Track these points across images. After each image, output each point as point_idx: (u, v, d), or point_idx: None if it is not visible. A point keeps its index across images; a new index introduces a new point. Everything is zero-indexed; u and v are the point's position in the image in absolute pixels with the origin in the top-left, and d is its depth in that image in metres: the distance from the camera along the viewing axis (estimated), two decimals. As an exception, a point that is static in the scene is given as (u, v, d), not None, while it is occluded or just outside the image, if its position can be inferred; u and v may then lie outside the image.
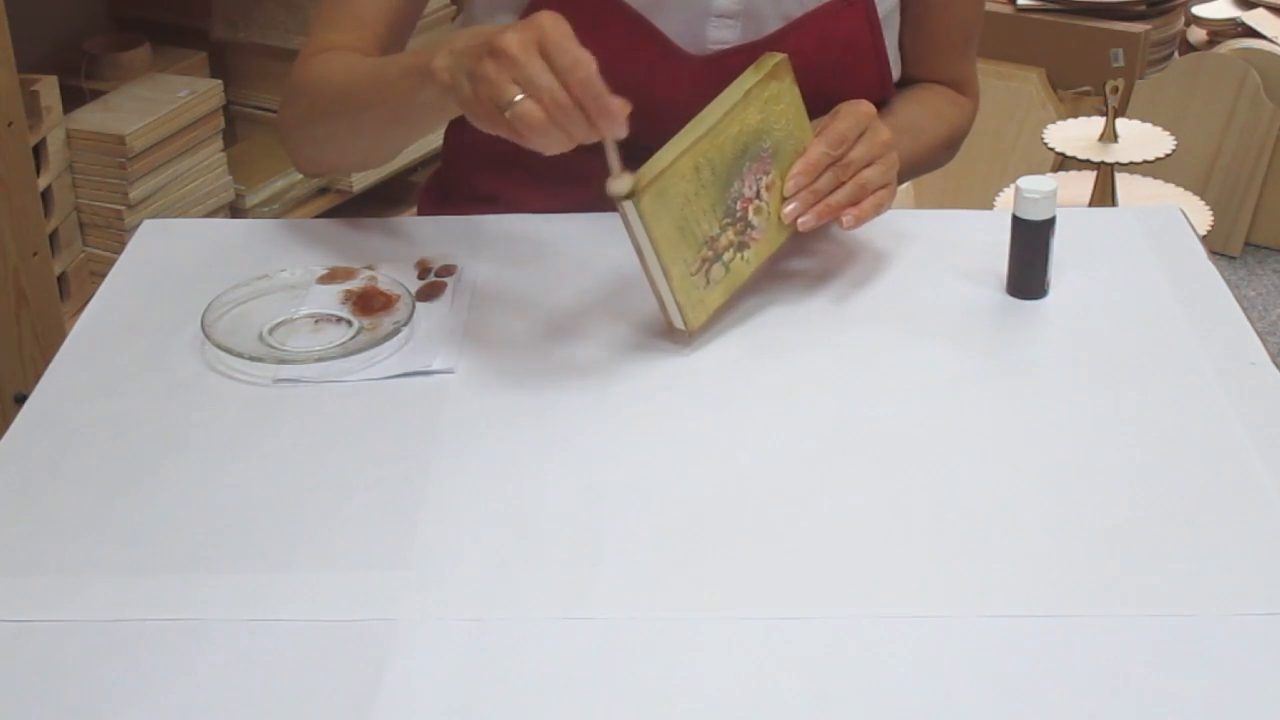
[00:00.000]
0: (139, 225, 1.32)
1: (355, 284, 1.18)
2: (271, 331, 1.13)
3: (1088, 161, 2.53)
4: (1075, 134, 2.60)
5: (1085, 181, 2.63)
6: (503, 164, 1.37)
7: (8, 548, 0.92)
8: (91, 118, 2.05)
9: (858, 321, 1.14)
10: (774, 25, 1.24)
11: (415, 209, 1.49)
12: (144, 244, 1.29)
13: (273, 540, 0.92)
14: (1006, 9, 3.08)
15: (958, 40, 1.36)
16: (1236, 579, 0.88)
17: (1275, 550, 0.90)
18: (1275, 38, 2.99)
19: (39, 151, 1.92)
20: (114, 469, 0.99)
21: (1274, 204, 3.01)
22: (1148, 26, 2.98)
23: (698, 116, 1.08)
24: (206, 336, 1.10)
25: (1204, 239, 1.32)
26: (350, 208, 2.33)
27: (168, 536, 0.93)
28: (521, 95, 0.94)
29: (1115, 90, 2.54)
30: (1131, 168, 2.59)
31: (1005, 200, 2.71)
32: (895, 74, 1.32)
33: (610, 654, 0.83)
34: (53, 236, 1.95)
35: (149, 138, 2.04)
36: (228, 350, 1.09)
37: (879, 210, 1.14)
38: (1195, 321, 1.13)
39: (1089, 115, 2.71)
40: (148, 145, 2.04)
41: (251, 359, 1.09)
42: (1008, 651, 0.83)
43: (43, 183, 1.92)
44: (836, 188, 1.13)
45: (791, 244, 1.17)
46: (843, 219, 1.13)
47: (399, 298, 1.15)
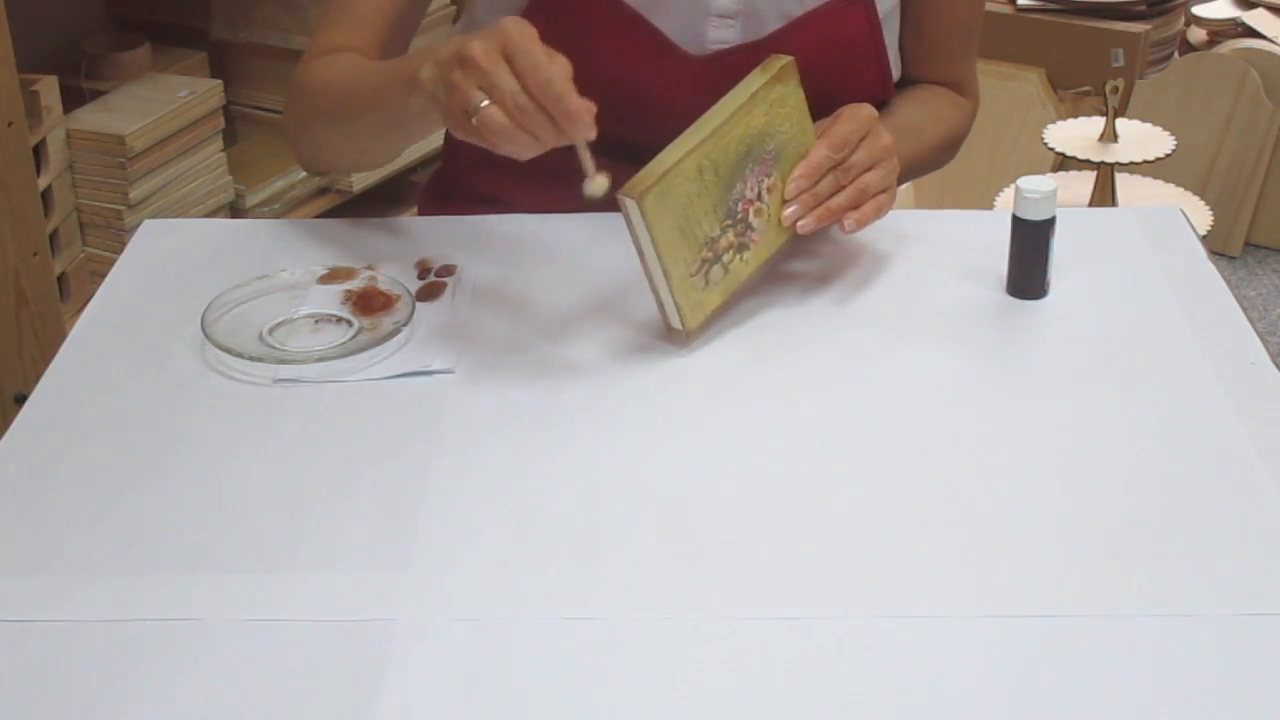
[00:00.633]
0: (139, 225, 1.32)
1: (355, 284, 1.18)
2: (271, 331, 1.13)
3: (1088, 161, 2.53)
4: (1075, 134, 2.60)
5: (1085, 181, 2.63)
6: (503, 164, 1.35)
7: (8, 548, 0.92)
8: (91, 118, 2.05)
9: (858, 322, 1.14)
10: (774, 25, 1.24)
11: (415, 209, 1.49)
12: (144, 244, 1.29)
13: (273, 540, 0.92)
14: (1006, 9, 3.07)
15: (957, 41, 1.36)
16: (1236, 579, 0.88)
17: (1275, 550, 0.90)
18: (1275, 38, 2.99)
19: (39, 151, 1.92)
20: (114, 469, 0.99)
21: (1274, 204, 3.01)
22: (1148, 26, 2.98)
23: (702, 117, 1.08)
24: (206, 336, 1.10)
25: (1204, 239, 1.32)
26: (350, 208, 2.33)
27: (168, 536, 0.93)
28: (486, 101, 0.96)
29: (1115, 90, 2.54)
30: (1131, 168, 2.59)
31: (1005, 200, 2.70)
32: (895, 74, 1.32)
33: (610, 654, 0.83)
34: (53, 236, 1.95)
35: (149, 138, 2.03)
36: (228, 350, 1.09)
37: (879, 214, 1.15)
38: (1195, 321, 1.13)
39: (1089, 115, 2.71)
40: (148, 145, 2.04)
41: (251, 359, 1.09)
42: (1008, 651, 0.83)
43: (43, 183, 1.92)
44: (837, 191, 1.13)
45: (791, 245, 1.17)
46: (844, 223, 1.13)
47: (399, 298, 1.15)
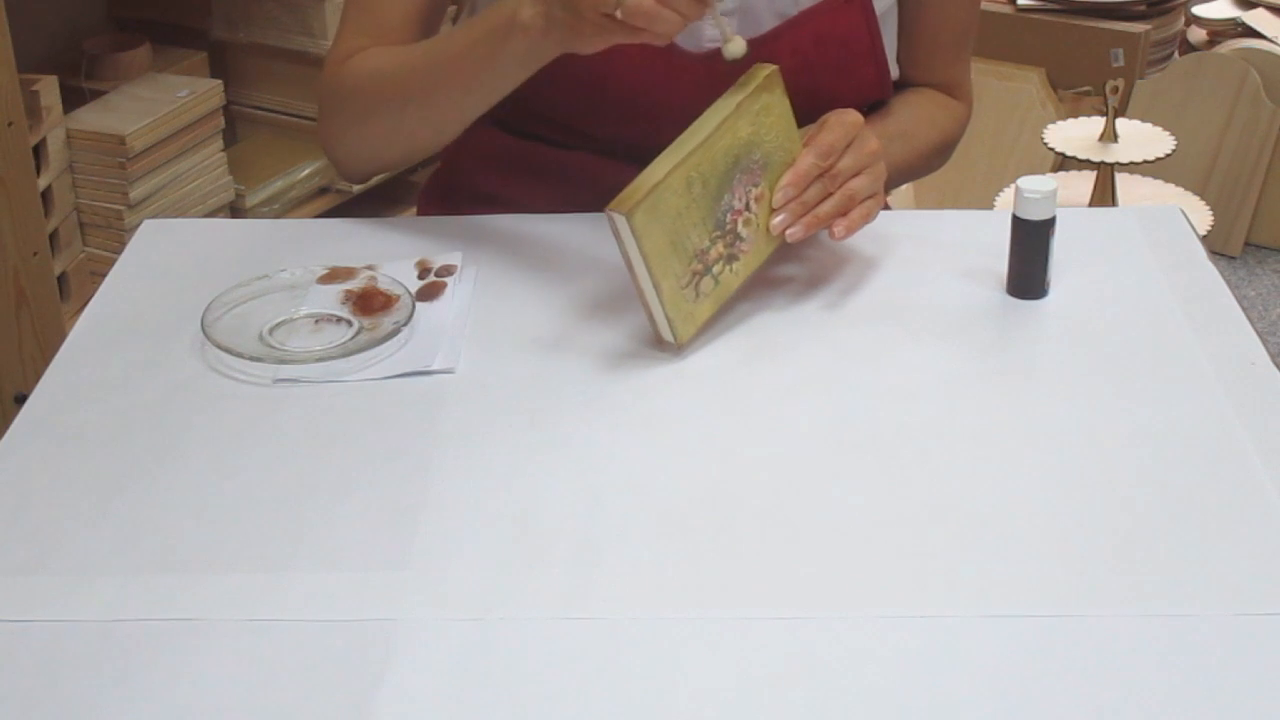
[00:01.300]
0: (139, 225, 1.32)
1: (355, 284, 1.18)
2: (271, 331, 1.13)
3: (1088, 161, 2.53)
4: (1075, 134, 2.60)
5: (1085, 181, 2.63)
6: (503, 163, 1.37)
7: (8, 548, 0.92)
8: (91, 118, 2.05)
9: (858, 322, 1.14)
10: (770, 23, 1.23)
11: (415, 209, 1.49)
12: (144, 244, 1.28)
13: (273, 540, 0.92)
14: (1006, 9, 3.07)
15: (952, 43, 1.36)
16: (1236, 579, 0.88)
17: (1275, 550, 0.90)
18: (1275, 38, 2.99)
19: (39, 151, 1.92)
20: (114, 469, 0.99)
21: (1274, 204, 3.01)
22: (1148, 26, 2.98)
23: (689, 129, 1.08)
24: (206, 336, 1.10)
25: (1204, 239, 1.32)
26: (350, 208, 2.33)
27: (168, 536, 0.93)
28: None
29: (1115, 90, 2.54)
30: (1131, 168, 2.59)
31: (1005, 200, 2.70)
32: (893, 75, 1.32)
33: (610, 654, 0.83)
34: (53, 236, 1.95)
35: (149, 138, 2.04)
36: (228, 350, 1.09)
37: (868, 219, 1.14)
38: (1195, 321, 1.13)
39: (1089, 115, 2.71)
40: (148, 145, 2.04)
41: (251, 359, 1.09)
42: (1008, 651, 0.83)
43: (43, 183, 1.92)
44: (825, 198, 1.13)
45: (786, 248, 1.17)
46: (834, 229, 1.13)
47: (399, 298, 1.15)
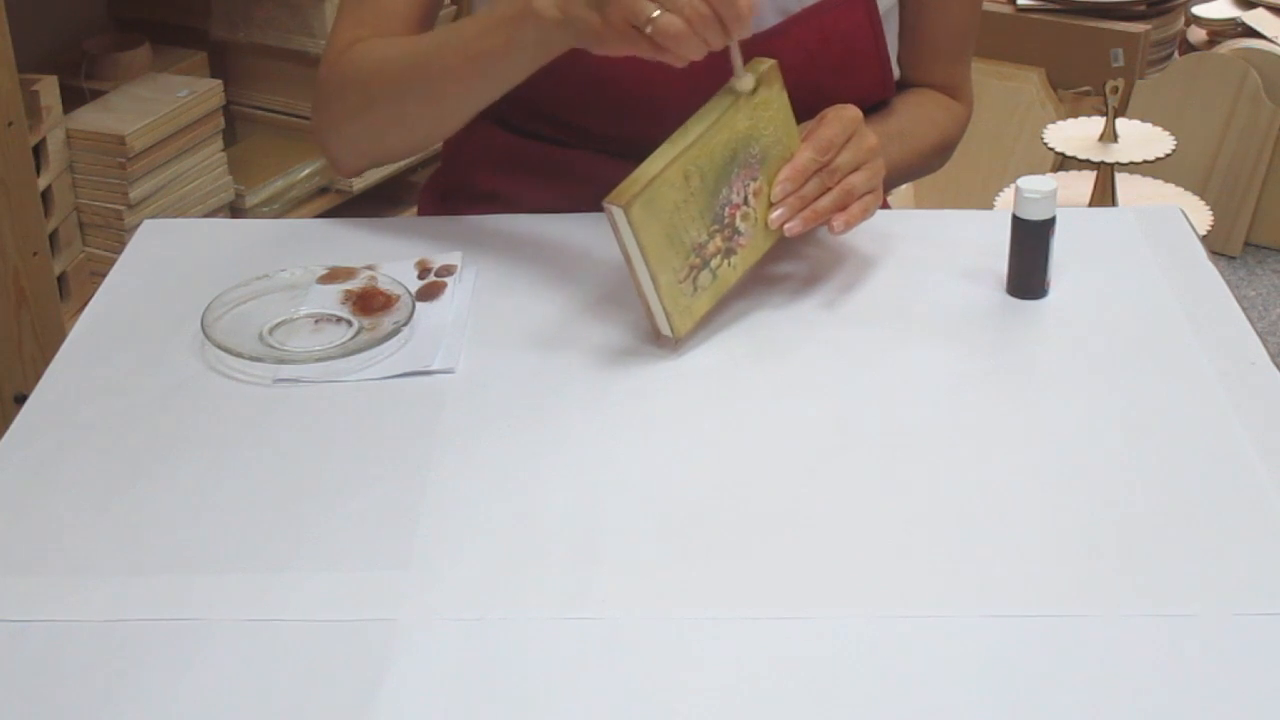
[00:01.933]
0: (139, 225, 1.32)
1: (355, 284, 1.18)
2: (271, 331, 1.13)
3: (1088, 161, 2.53)
4: (1075, 134, 2.61)
5: (1085, 181, 2.63)
6: (503, 161, 1.37)
7: (8, 548, 0.92)
8: (91, 118, 2.05)
9: (858, 321, 1.14)
10: (772, 20, 1.23)
11: (415, 209, 1.49)
12: (144, 244, 1.28)
13: (273, 540, 0.92)
14: (1006, 9, 3.07)
15: (951, 44, 1.36)
16: (1236, 579, 0.88)
17: (1275, 550, 0.90)
18: (1275, 38, 2.99)
19: (39, 151, 1.92)
20: (114, 469, 0.99)
21: (1274, 204, 3.01)
22: (1148, 26, 2.98)
23: (686, 123, 1.08)
24: (206, 336, 1.10)
25: (1204, 239, 1.32)
26: (350, 208, 2.33)
27: (168, 536, 0.93)
28: (659, 10, 1.01)
29: (1115, 90, 2.54)
30: (1131, 168, 2.59)
31: (1005, 200, 2.71)
32: (895, 74, 1.32)
33: (610, 654, 0.83)
34: (53, 236, 1.95)
35: (149, 138, 2.04)
36: (228, 350, 1.09)
37: (866, 214, 1.14)
38: (1195, 321, 1.13)
39: (1089, 115, 2.71)
40: (148, 145, 2.04)
41: (251, 359, 1.09)
42: (1008, 651, 0.83)
43: (43, 183, 1.92)
44: (823, 193, 1.13)
45: (786, 246, 1.17)
46: (833, 224, 1.13)
47: (399, 298, 1.15)
